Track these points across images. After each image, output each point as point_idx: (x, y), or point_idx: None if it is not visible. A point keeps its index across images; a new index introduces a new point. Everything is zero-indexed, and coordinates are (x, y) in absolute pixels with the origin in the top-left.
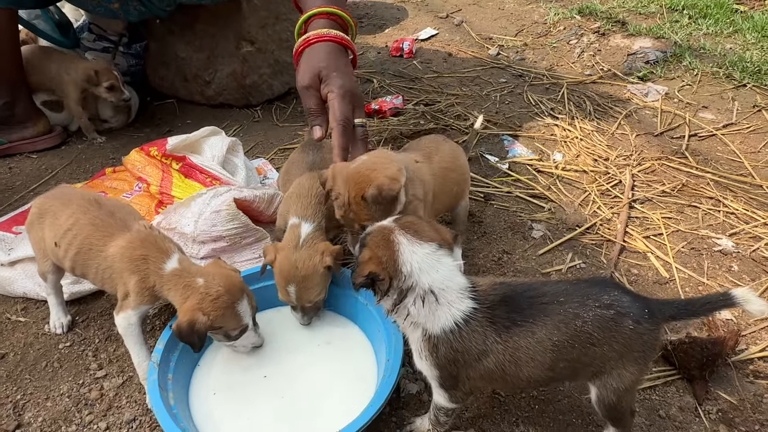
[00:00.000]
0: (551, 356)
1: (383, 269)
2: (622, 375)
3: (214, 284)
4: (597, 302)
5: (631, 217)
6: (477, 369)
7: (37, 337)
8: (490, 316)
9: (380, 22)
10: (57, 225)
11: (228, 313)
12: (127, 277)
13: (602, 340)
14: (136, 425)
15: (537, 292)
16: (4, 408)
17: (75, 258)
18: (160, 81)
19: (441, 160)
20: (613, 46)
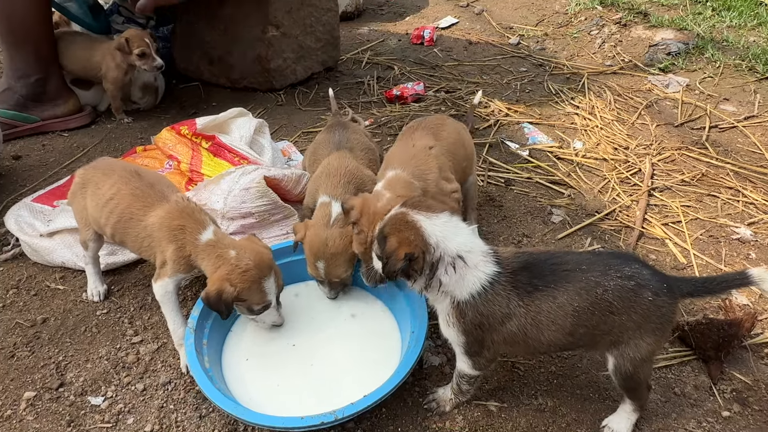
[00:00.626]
0: (571, 321)
1: (415, 247)
2: (639, 345)
3: (245, 258)
4: (618, 273)
5: (650, 205)
6: (501, 332)
7: (75, 303)
8: (513, 281)
9: (401, 9)
10: (99, 194)
11: (254, 287)
12: (165, 245)
13: (621, 309)
14: (171, 387)
15: (559, 260)
16: (47, 368)
17: (116, 226)
18: (185, 64)
19: (448, 136)
20: (635, 37)
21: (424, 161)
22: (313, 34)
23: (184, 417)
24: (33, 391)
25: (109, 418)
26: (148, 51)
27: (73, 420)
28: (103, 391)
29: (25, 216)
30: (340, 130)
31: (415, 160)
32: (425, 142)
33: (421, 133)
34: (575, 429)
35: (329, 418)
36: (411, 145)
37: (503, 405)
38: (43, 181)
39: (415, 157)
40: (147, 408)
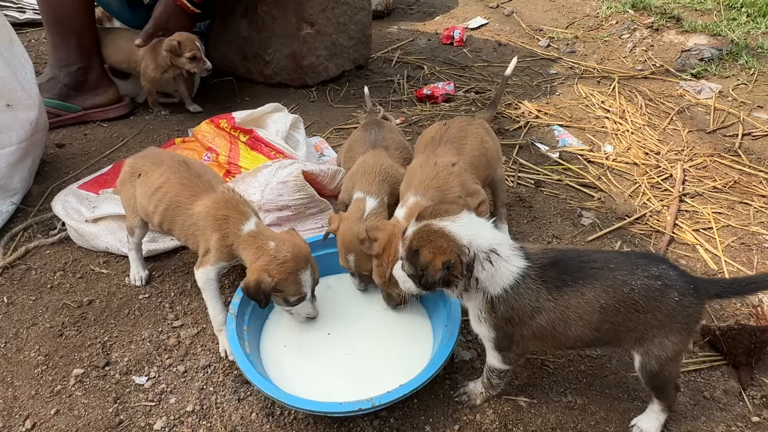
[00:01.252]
0: (598, 317)
1: (450, 253)
2: (664, 344)
3: (284, 250)
4: (645, 272)
5: (681, 211)
6: (530, 327)
7: (118, 287)
8: (542, 276)
9: (430, 9)
10: (148, 183)
11: (291, 279)
12: (209, 234)
13: (647, 308)
14: (211, 371)
15: (588, 258)
16: (94, 347)
17: (164, 213)
18: (220, 59)
19: (471, 149)
20: (667, 42)
21: (445, 180)
22: (346, 33)
23: (223, 399)
24: (81, 369)
25: (152, 397)
26: (198, 55)
27: (119, 397)
28: (146, 371)
29: (72, 202)
30: (376, 129)
31: (437, 180)
32: (447, 159)
33: (443, 149)
34: (604, 427)
35: (366, 404)
36: (433, 163)
37: (533, 401)
38: (85, 170)
39: (437, 176)
40: (188, 389)
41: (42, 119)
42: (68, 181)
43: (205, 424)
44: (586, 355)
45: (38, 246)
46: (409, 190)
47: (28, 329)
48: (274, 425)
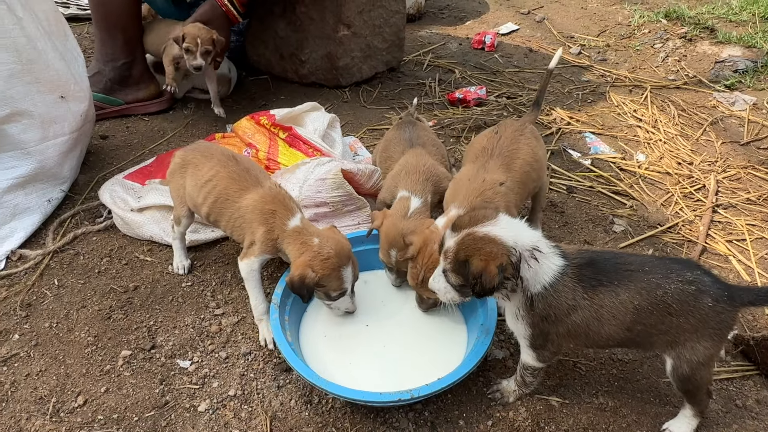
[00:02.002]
0: (631, 318)
1: (501, 256)
2: (696, 348)
3: (327, 246)
4: (680, 277)
5: (714, 221)
6: (565, 324)
7: (162, 275)
8: (579, 274)
9: (461, 14)
10: (199, 175)
11: (334, 274)
12: (256, 227)
13: (680, 312)
14: (251, 358)
15: (623, 260)
16: (140, 331)
17: (212, 205)
18: (257, 57)
19: (521, 166)
20: (700, 53)
21: (491, 199)
22: (380, 35)
23: (264, 386)
24: (128, 350)
25: (196, 380)
26: (194, 49)
27: (164, 379)
28: (189, 355)
29: (119, 191)
30: (410, 128)
31: (482, 198)
32: (497, 177)
33: (494, 163)
34: (635, 430)
35: (405, 396)
36: (482, 180)
37: (564, 401)
38: (129, 162)
39: (483, 194)
40: (230, 374)
41: (91, 111)
42: (112, 171)
43: (246, 408)
44: (618, 358)
45: (85, 233)
46: (454, 202)
47: (78, 311)
48: (312, 412)
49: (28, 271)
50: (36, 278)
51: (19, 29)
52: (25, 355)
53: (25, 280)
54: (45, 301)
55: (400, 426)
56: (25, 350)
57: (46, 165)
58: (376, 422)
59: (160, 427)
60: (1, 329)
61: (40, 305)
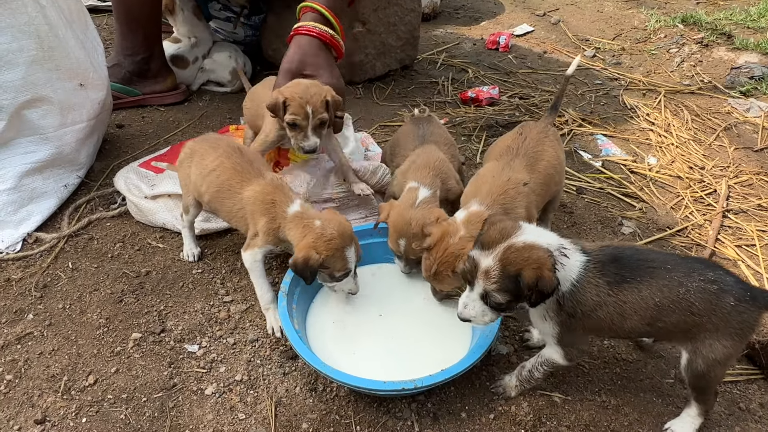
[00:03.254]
0: (652, 313)
1: (546, 260)
2: (714, 346)
3: (329, 228)
4: (702, 276)
5: (724, 226)
6: (591, 320)
7: (173, 261)
8: (602, 270)
9: (476, 14)
10: (203, 165)
11: (337, 255)
12: (258, 218)
13: (702, 311)
14: (258, 345)
15: (646, 257)
16: (150, 315)
17: (214, 195)
18: (272, 52)
19: (545, 168)
20: (716, 59)
21: (513, 198)
22: (395, 33)
23: (270, 372)
24: (139, 333)
25: (204, 364)
26: (303, 123)
27: (173, 362)
28: (198, 340)
29: (133, 178)
30: (425, 124)
31: (505, 196)
32: (521, 176)
33: (519, 163)
34: (637, 428)
35: (409, 385)
36: (506, 178)
37: (567, 398)
38: (144, 151)
39: (506, 193)
40: (237, 360)
41: (108, 100)
42: (128, 159)
43: (252, 393)
44: (621, 358)
45: (100, 218)
46: (475, 197)
47: (91, 294)
48: (317, 399)
49: (44, 253)
50: (51, 261)
51: (42, 17)
52: (39, 334)
53: (40, 263)
54: (59, 283)
55: (402, 416)
56: (39, 329)
57: (64, 151)
58: (379, 411)
59: (167, 408)
60: (16, 309)
61: (54, 287)
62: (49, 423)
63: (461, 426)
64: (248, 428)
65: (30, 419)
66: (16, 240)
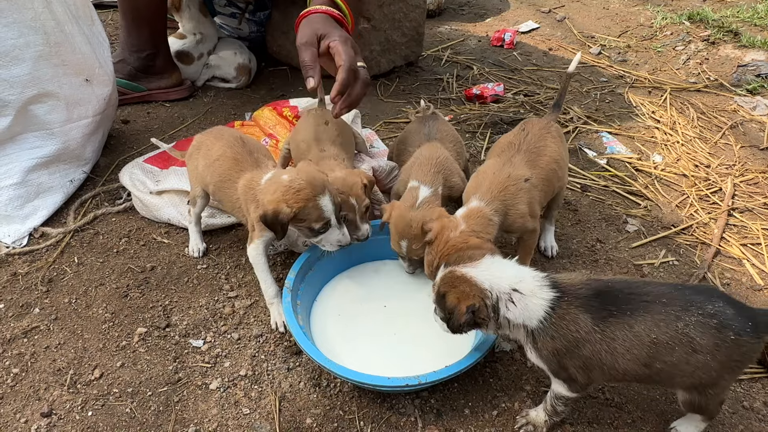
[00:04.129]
0: (647, 352)
1: (474, 297)
2: (718, 384)
3: (297, 179)
4: (700, 310)
5: (729, 225)
6: (578, 357)
7: (178, 257)
8: (585, 305)
9: (481, 11)
10: (209, 155)
11: (311, 205)
12: (249, 206)
13: (705, 348)
14: (263, 340)
15: (638, 290)
16: (155, 309)
17: (217, 184)
18: (277, 48)
19: (547, 164)
20: (722, 56)
21: (514, 194)
22: (399, 29)
23: (274, 367)
24: (144, 328)
25: (208, 359)
26: (351, 216)
27: (178, 357)
28: (203, 335)
29: (138, 174)
30: (431, 121)
31: (505, 192)
32: (522, 172)
33: (520, 160)
34: (640, 426)
35: (413, 381)
36: (507, 175)
37: None
38: (149, 146)
39: (507, 189)
40: (241, 355)
41: (114, 95)
42: (132, 155)
43: (256, 388)
44: None
45: (105, 213)
46: (476, 193)
47: (96, 288)
48: (321, 395)
49: (50, 248)
50: (57, 255)
51: (49, 12)
52: (45, 328)
53: (46, 257)
54: (65, 278)
55: (406, 412)
56: (45, 323)
57: (70, 146)
58: (383, 407)
59: (172, 403)
60: (22, 302)
61: (60, 281)
62: (56, 416)
63: (464, 422)
64: (252, 423)
65: (36, 412)
66: (22, 234)
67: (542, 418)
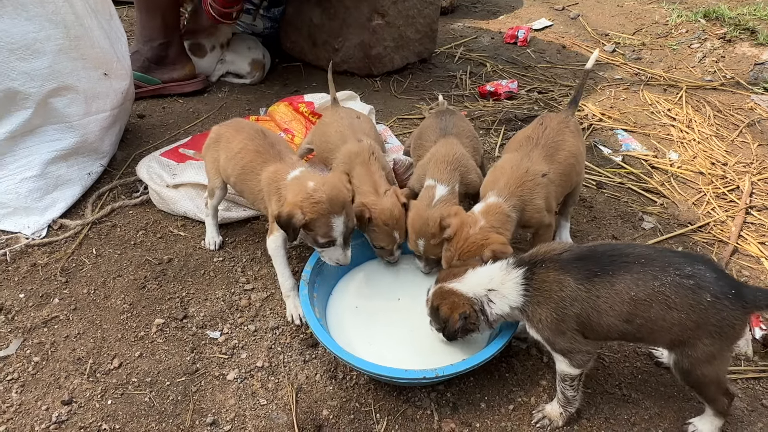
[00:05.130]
0: (628, 308)
1: (463, 305)
2: (695, 344)
3: (321, 190)
4: (678, 270)
5: (747, 223)
6: (570, 318)
7: (195, 249)
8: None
9: (494, 8)
10: (230, 148)
11: (322, 220)
12: (271, 198)
13: (679, 306)
14: (279, 332)
15: (620, 252)
16: (173, 301)
17: (238, 176)
18: (291, 44)
19: (565, 159)
20: (739, 54)
21: (531, 189)
22: (413, 26)
23: (290, 359)
24: (162, 319)
25: (225, 350)
26: (389, 247)
27: (195, 348)
28: (220, 327)
29: (155, 167)
30: (448, 116)
31: (523, 187)
32: (540, 167)
33: (538, 154)
34: (657, 422)
35: (430, 374)
36: (525, 170)
37: (587, 390)
38: (164, 141)
39: (524, 184)
40: (258, 347)
41: (131, 89)
42: (149, 149)
43: (273, 379)
44: (642, 352)
45: (122, 206)
46: (493, 189)
47: (114, 280)
48: (337, 387)
49: (68, 239)
50: (75, 247)
51: (69, 6)
52: (65, 318)
53: (65, 248)
54: (83, 269)
55: (422, 405)
56: (64, 313)
57: (88, 139)
58: (399, 400)
59: (190, 393)
60: (42, 293)
61: (78, 272)
62: (76, 404)
63: (480, 416)
64: (269, 413)
65: (57, 400)
66: (41, 226)
67: (557, 410)
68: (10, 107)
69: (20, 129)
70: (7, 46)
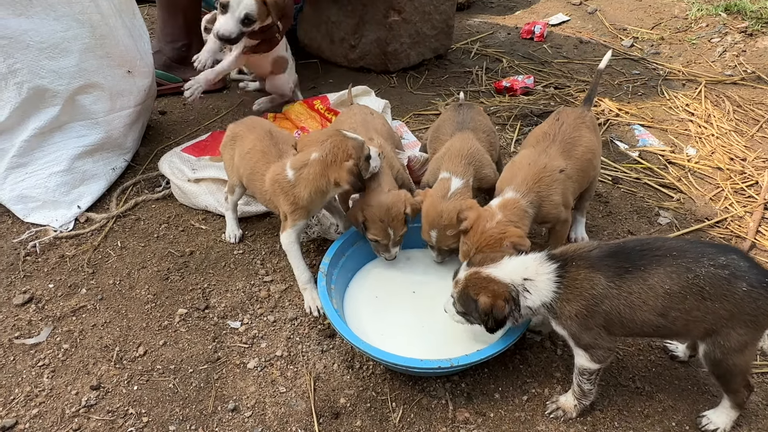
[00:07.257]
0: (663, 302)
1: (503, 291)
2: (730, 334)
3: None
4: (712, 261)
5: (765, 218)
6: (599, 315)
7: (215, 242)
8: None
9: (510, 3)
10: (243, 146)
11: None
12: (279, 198)
13: (714, 296)
14: (297, 323)
15: (650, 246)
16: (195, 292)
17: (248, 177)
18: (308, 41)
19: (582, 155)
20: (761, 48)
21: (549, 185)
22: (429, 22)
23: (308, 349)
24: (184, 309)
25: (246, 340)
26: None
27: (216, 337)
28: (240, 317)
29: (177, 162)
30: (466, 110)
31: (540, 183)
32: (557, 163)
33: (555, 150)
34: (671, 415)
35: (445, 363)
36: (542, 165)
37: (600, 382)
38: (185, 137)
39: (542, 180)
40: (277, 337)
41: (153, 86)
42: (170, 145)
43: (292, 368)
44: (656, 345)
45: (145, 200)
46: (510, 184)
47: (139, 271)
48: (354, 377)
49: (94, 232)
50: (101, 239)
51: (95, 6)
52: (92, 307)
53: (91, 241)
54: (109, 261)
55: (437, 395)
56: (91, 303)
57: (112, 135)
58: (414, 389)
59: (212, 380)
60: (70, 283)
61: (104, 264)
62: (103, 389)
63: (494, 406)
64: (289, 401)
65: (86, 385)
66: (69, 219)
67: (571, 402)
68: (39, 104)
69: (49, 125)
70: (37, 45)
